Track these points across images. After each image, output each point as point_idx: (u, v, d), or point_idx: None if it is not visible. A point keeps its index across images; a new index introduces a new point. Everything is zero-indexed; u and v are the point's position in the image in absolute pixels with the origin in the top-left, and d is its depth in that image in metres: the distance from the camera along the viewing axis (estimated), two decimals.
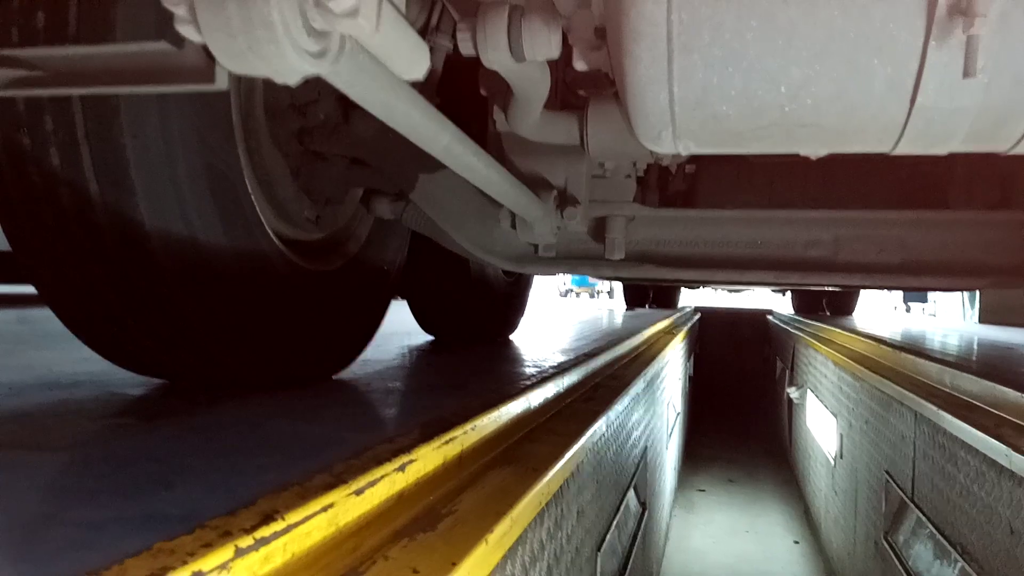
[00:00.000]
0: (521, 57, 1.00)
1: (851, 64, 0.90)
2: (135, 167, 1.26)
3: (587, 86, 1.52)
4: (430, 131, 0.96)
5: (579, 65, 1.07)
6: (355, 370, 1.99)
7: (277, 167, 1.68)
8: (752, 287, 8.03)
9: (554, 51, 1.01)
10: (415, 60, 0.74)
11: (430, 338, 3.21)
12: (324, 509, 0.87)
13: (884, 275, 1.75)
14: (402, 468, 1.08)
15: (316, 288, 1.76)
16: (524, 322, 3.89)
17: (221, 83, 0.86)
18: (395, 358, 2.42)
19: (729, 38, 0.88)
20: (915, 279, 1.75)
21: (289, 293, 1.65)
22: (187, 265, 1.36)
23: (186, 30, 0.62)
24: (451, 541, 1.01)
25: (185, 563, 0.65)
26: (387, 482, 1.03)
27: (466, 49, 1.02)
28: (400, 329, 3.37)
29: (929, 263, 1.73)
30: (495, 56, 1.01)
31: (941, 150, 1.04)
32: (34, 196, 1.29)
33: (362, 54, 0.71)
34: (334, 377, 1.90)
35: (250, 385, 1.65)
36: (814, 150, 1.10)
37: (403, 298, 3.19)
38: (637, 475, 3.11)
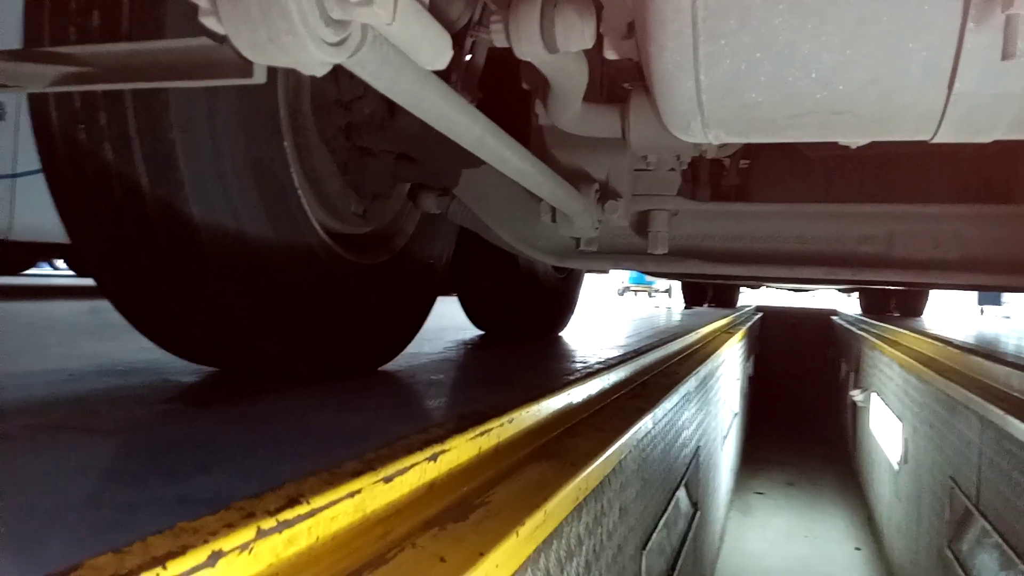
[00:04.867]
0: (554, 48, 1.00)
1: (885, 49, 0.86)
2: (183, 161, 1.30)
3: (631, 78, 1.50)
4: (461, 122, 0.96)
5: (610, 54, 1.05)
6: (401, 363, 2.01)
7: (324, 162, 1.70)
8: (804, 285, 7.81)
9: (587, 42, 0.99)
10: (437, 49, 0.74)
11: (481, 333, 3.22)
12: (351, 495, 0.88)
13: (941, 272, 1.68)
14: (434, 458, 1.08)
15: (362, 281, 1.78)
16: (577, 319, 3.87)
17: (259, 77, 0.88)
18: (442, 352, 2.43)
19: (756, 24, 0.85)
20: (974, 276, 1.67)
21: (336, 286, 1.67)
22: (234, 257, 1.39)
23: (209, 22, 0.64)
24: (481, 532, 1.01)
25: (206, 542, 0.66)
26: (417, 471, 1.03)
27: (499, 40, 1.01)
28: (452, 324, 3.39)
29: (989, 260, 1.65)
30: (528, 48, 1.00)
31: (985, 138, 0.99)
32: (90, 189, 1.34)
33: (386, 45, 0.71)
34: (380, 369, 1.93)
35: (298, 375, 1.68)
36: (852, 138, 1.06)
37: (454, 293, 3.21)
38: (688, 475, 3.06)
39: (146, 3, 1.23)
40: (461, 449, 1.18)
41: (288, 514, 0.77)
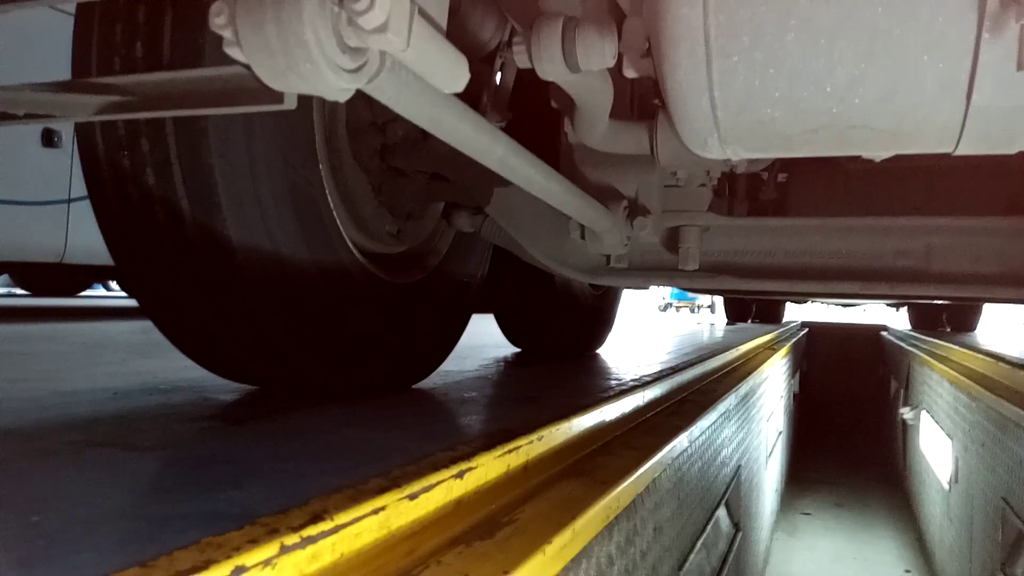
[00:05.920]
0: (576, 68, 1.01)
1: (899, 63, 0.85)
2: (222, 185, 1.34)
3: (660, 95, 1.50)
4: (482, 143, 0.97)
5: (629, 73, 1.06)
6: (435, 380, 2.03)
7: (359, 183, 1.74)
8: (846, 299, 7.65)
9: (608, 61, 1.00)
10: (454, 73, 0.76)
11: (518, 351, 3.23)
12: (375, 512, 0.89)
13: (981, 286, 1.64)
14: (460, 475, 1.09)
15: (397, 300, 1.81)
16: (616, 336, 3.85)
17: (290, 103, 0.91)
18: (478, 369, 2.45)
19: (769, 40, 0.85)
20: (1015, 291, 1.63)
21: (370, 305, 1.70)
22: (271, 278, 1.43)
23: (233, 52, 0.66)
24: (506, 550, 1.01)
25: (229, 557, 0.68)
26: (443, 488, 1.04)
27: (522, 61, 1.03)
28: (490, 342, 3.41)
29: None
30: (550, 68, 1.02)
31: (1009, 150, 0.97)
32: (133, 212, 1.39)
33: (404, 70, 0.73)
34: (414, 387, 1.94)
35: (333, 393, 1.71)
36: (871, 152, 1.05)
37: (491, 311, 3.22)
38: (728, 494, 3.01)
39: (186, 32, 1.28)
40: (489, 467, 1.19)
41: (312, 530, 0.79)
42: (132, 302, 1.58)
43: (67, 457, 1.08)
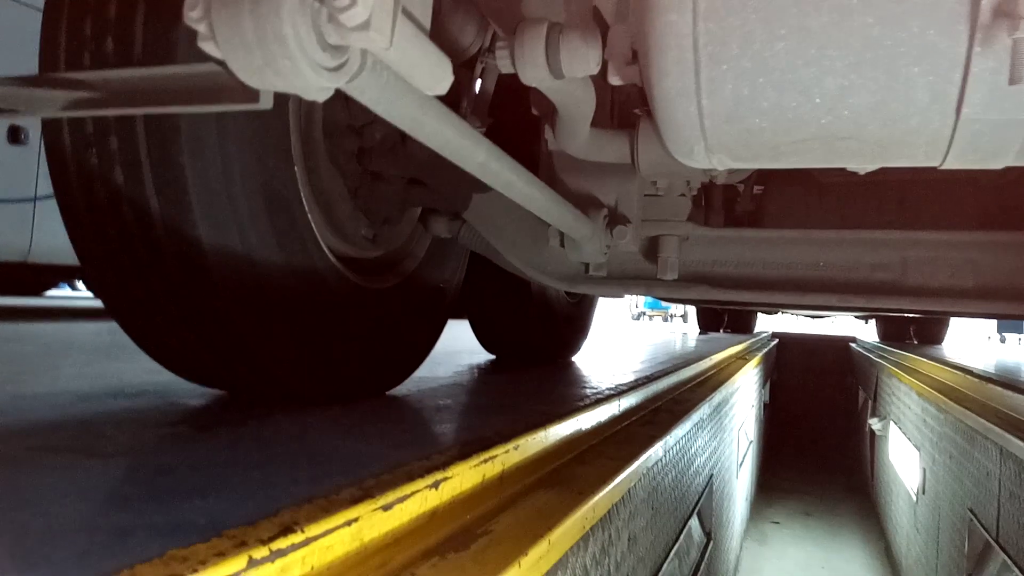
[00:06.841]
0: (560, 74, 1.00)
1: (890, 74, 0.85)
2: (193, 186, 1.30)
3: (640, 104, 1.50)
4: (464, 148, 0.95)
5: (614, 80, 1.05)
6: (410, 387, 2.00)
7: (335, 186, 1.71)
8: (819, 311, 7.75)
9: (592, 67, 0.99)
10: (438, 75, 0.74)
11: (492, 358, 3.21)
12: (348, 523, 0.87)
13: (956, 300, 1.65)
14: (435, 485, 1.07)
15: (372, 305, 1.78)
16: (590, 344, 3.85)
17: (266, 103, 0.88)
18: (452, 376, 2.42)
19: (759, 48, 0.85)
20: (990, 304, 1.64)
21: (344, 310, 1.67)
22: (243, 281, 1.39)
23: (208, 47, 0.64)
24: (482, 562, 0.99)
25: (195, 571, 0.65)
26: (418, 499, 1.02)
27: (505, 67, 1.02)
28: (464, 347, 3.38)
29: (1005, 288, 1.63)
30: (533, 73, 1.00)
31: (995, 164, 0.97)
32: (100, 212, 1.34)
33: (386, 70, 0.71)
34: (388, 393, 1.92)
35: (305, 399, 1.68)
36: (859, 164, 1.05)
37: (465, 317, 3.20)
38: (701, 503, 3.02)
39: (158, 28, 1.25)
40: (464, 476, 1.16)
41: (281, 543, 0.76)
42: (98, 303, 1.53)
43: (26, 464, 1.04)
